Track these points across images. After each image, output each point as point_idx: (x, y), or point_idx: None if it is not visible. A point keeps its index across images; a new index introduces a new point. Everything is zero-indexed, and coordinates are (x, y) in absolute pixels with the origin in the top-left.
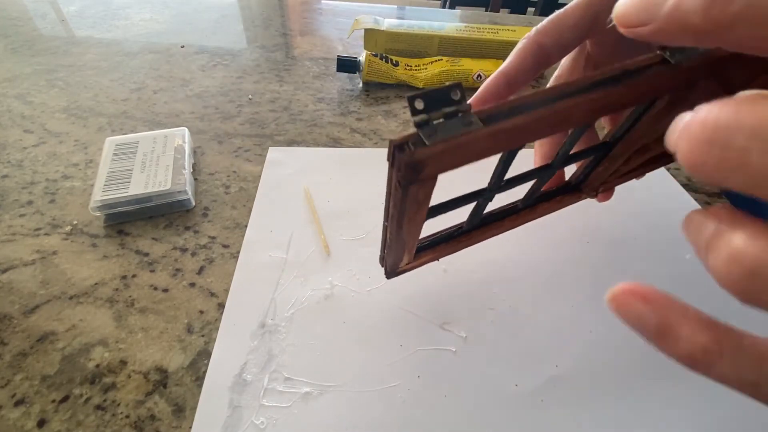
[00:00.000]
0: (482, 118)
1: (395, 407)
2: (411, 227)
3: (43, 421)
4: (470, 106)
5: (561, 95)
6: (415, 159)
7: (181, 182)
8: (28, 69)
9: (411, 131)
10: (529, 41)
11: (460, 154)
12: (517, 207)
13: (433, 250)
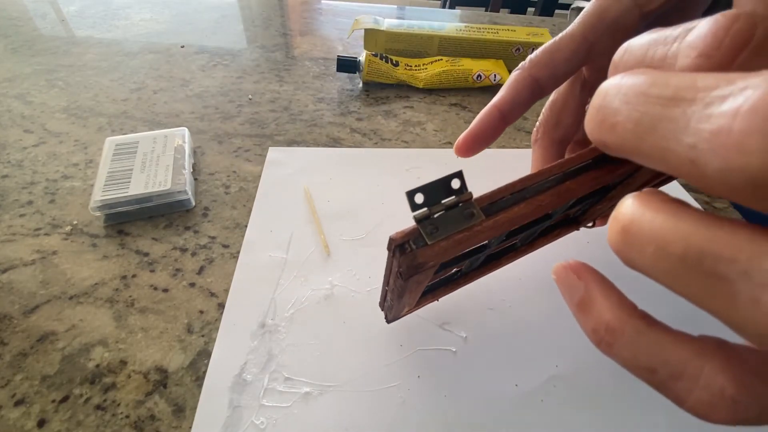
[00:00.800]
0: (483, 208)
1: (395, 407)
2: (411, 295)
3: (43, 421)
4: (471, 195)
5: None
6: (418, 261)
7: (181, 182)
8: (28, 69)
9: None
10: (522, 74)
11: (463, 246)
12: (516, 245)
13: (432, 294)
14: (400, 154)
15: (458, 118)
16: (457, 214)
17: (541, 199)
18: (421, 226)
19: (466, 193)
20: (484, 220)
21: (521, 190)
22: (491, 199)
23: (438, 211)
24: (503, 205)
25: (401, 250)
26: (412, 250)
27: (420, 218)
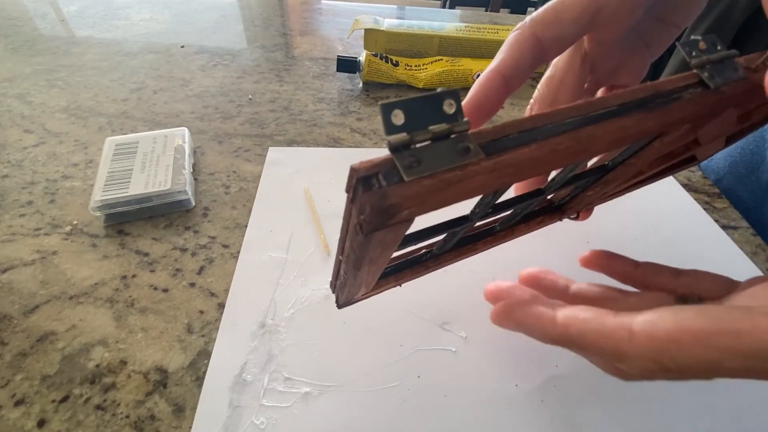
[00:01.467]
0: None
1: (395, 407)
2: (372, 268)
3: (43, 421)
4: (468, 125)
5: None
6: (387, 202)
7: (181, 182)
8: (28, 69)
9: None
10: (524, 33)
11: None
12: (495, 229)
13: (395, 276)
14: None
15: None
16: (447, 147)
17: (556, 141)
18: (398, 156)
19: (461, 121)
20: (483, 159)
21: (531, 129)
22: (494, 135)
23: (423, 140)
24: (507, 145)
25: (366, 185)
26: (381, 187)
27: (396, 145)
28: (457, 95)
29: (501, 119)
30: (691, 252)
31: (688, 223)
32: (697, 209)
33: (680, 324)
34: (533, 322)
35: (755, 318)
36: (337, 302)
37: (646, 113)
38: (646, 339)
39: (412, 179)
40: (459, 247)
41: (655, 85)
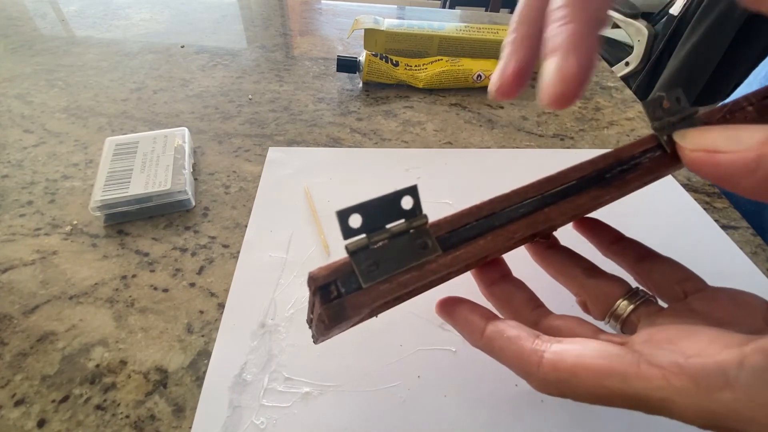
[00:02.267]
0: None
1: (395, 407)
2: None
3: (43, 421)
4: (427, 220)
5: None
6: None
7: (181, 182)
8: (28, 69)
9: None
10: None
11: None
12: None
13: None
14: (400, 154)
15: (458, 118)
16: (405, 243)
17: (512, 229)
18: (356, 260)
19: (420, 216)
20: (441, 255)
21: (489, 215)
22: (452, 225)
23: (380, 240)
24: (466, 235)
25: (324, 296)
26: (339, 296)
27: (354, 249)
28: (414, 191)
29: (501, 119)
30: (691, 252)
31: (688, 223)
32: (697, 209)
33: (581, 359)
34: (465, 326)
35: (641, 365)
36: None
37: (603, 188)
38: (551, 368)
39: (370, 285)
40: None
41: (617, 153)
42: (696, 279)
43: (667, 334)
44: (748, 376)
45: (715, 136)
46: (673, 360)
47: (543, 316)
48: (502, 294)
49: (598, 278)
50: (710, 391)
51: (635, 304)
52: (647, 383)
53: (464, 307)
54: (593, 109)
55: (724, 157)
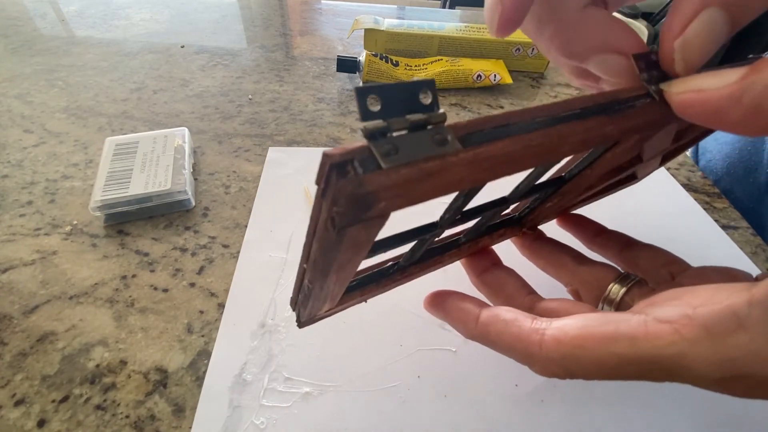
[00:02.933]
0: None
1: (395, 407)
2: (339, 276)
3: (43, 421)
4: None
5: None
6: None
7: (181, 182)
8: (28, 69)
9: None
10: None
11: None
12: (459, 241)
13: (361, 291)
14: None
15: (458, 118)
16: (424, 137)
17: (530, 137)
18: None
19: (437, 112)
20: (461, 151)
21: (505, 125)
22: (469, 128)
23: (400, 128)
24: (483, 138)
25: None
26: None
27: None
28: (433, 85)
29: None
30: (691, 252)
31: (688, 223)
32: (697, 209)
33: (585, 330)
34: (458, 315)
35: (649, 325)
36: (299, 320)
37: (607, 117)
38: (555, 344)
39: (390, 167)
40: (425, 259)
41: (614, 93)
42: (680, 261)
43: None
44: (759, 312)
45: (700, 78)
46: (682, 312)
47: (537, 301)
48: (494, 281)
49: (587, 265)
50: (725, 336)
51: (627, 286)
52: (658, 341)
53: (455, 297)
54: None
55: (710, 93)
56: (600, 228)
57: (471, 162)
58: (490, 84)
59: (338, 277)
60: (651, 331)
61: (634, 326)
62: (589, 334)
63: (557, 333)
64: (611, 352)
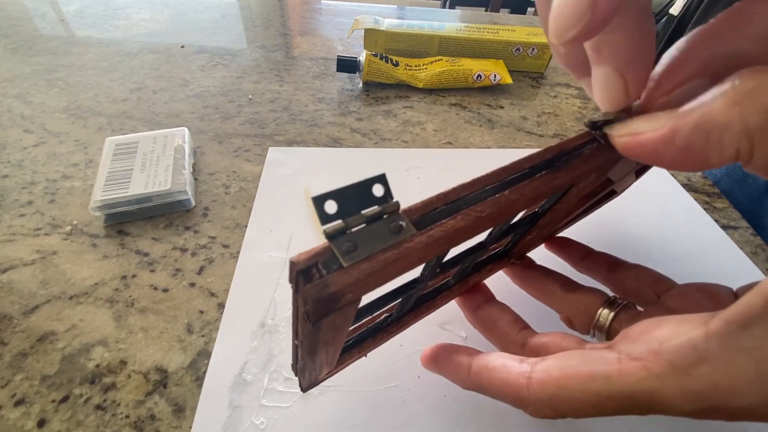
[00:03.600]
0: (414, 221)
1: (395, 407)
2: (329, 350)
3: (43, 421)
4: (398, 205)
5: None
6: (328, 291)
7: (181, 182)
8: (28, 69)
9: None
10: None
11: (390, 271)
12: (449, 284)
13: (358, 348)
14: (400, 154)
15: (458, 118)
16: (381, 228)
17: (479, 209)
18: (335, 243)
19: (391, 202)
20: (416, 235)
21: (456, 200)
22: (423, 210)
23: (357, 225)
24: (437, 218)
25: (306, 277)
26: (322, 277)
27: (333, 233)
28: (384, 179)
29: (501, 119)
30: (691, 252)
31: (688, 223)
32: (697, 209)
33: (565, 370)
34: (452, 370)
35: (622, 362)
36: (301, 386)
37: (554, 173)
38: (540, 386)
39: (351, 264)
40: (418, 306)
41: (560, 146)
42: (665, 280)
43: (641, 328)
44: (716, 345)
45: (637, 122)
46: (649, 348)
47: (529, 336)
48: (487, 318)
49: (576, 292)
50: (688, 370)
51: (615, 311)
52: (630, 378)
53: (447, 351)
54: (593, 109)
55: (645, 136)
56: (587, 250)
57: (426, 244)
58: (490, 84)
59: (327, 350)
60: (624, 369)
61: (609, 364)
62: (569, 374)
63: (542, 375)
64: (590, 391)
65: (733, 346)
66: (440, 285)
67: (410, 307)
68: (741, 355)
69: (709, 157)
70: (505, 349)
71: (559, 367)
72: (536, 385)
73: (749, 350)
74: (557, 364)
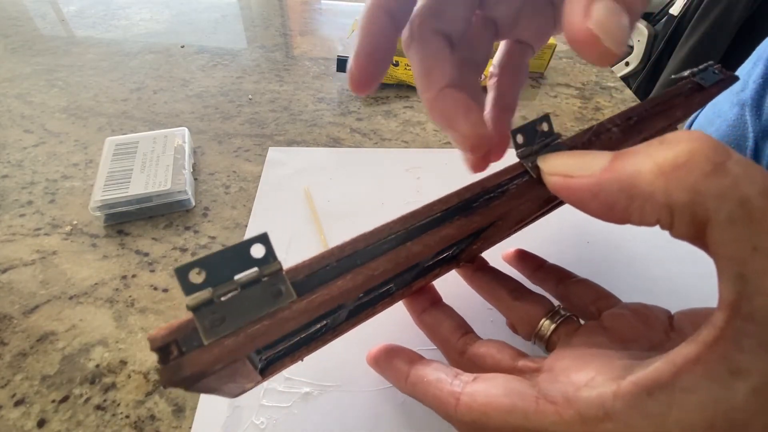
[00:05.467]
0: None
1: (395, 407)
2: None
3: (43, 421)
4: (280, 266)
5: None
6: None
7: (181, 182)
8: (28, 69)
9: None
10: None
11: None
12: (391, 291)
13: (291, 357)
14: (400, 154)
15: None
16: (257, 293)
17: (373, 266)
18: (198, 316)
19: (273, 262)
20: (295, 301)
21: (351, 254)
22: (309, 269)
23: (228, 292)
24: (325, 277)
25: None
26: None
27: (196, 306)
28: (265, 239)
29: None
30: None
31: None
32: None
33: (489, 399)
34: (391, 375)
35: (539, 402)
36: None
37: (468, 217)
38: (466, 409)
39: (213, 341)
40: (356, 314)
41: (481, 183)
42: (608, 297)
43: (565, 363)
44: (622, 406)
45: (570, 161)
46: (564, 393)
47: (469, 344)
48: (432, 321)
49: (522, 300)
50: (594, 423)
51: (556, 323)
52: (544, 419)
53: (390, 354)
54: (593, 109)
55: (574, 181)
56: (540, 262)
57: (305, 311)
58: None
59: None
60: (540, 409)
61: (528, 401)
62: (491, 404)
63: (468, 400)
64: (508, 423)
65: (636, 409)
66: (380, 292)
67: (345, 317)
68: (642, 419)
69: (630, 218)
70: (447, 353)
71: (485, 395)
72: (463, 407)
73: (650, 416)
74: (484, 392)
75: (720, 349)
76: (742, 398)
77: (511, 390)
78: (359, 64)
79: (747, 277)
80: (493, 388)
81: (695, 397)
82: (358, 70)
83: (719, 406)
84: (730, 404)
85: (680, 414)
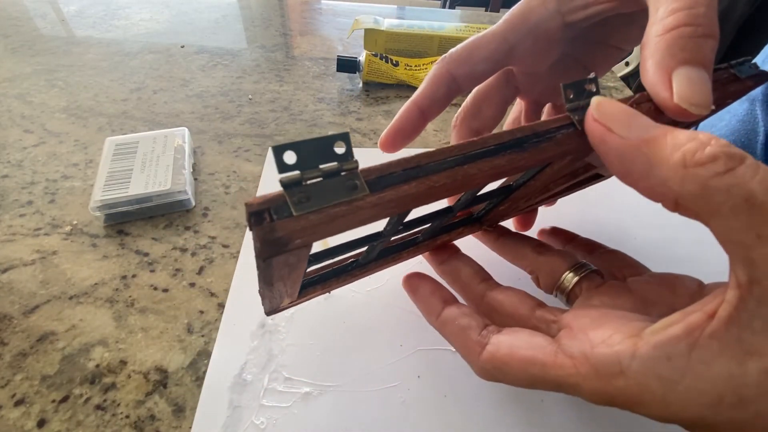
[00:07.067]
0: (370, 182)
1: (395, 407)
2: (286, 283)
3: (43, 421)
4: (357, 164)
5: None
6: (275, 235)
7: (181, 182)
8: (28, 69)
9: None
10: (440, 69)
11: (337, 224)
12: (417, 239)
13: (322, 285)
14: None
15: None
16: (336, 183)
17: (434, 179)
18: (288, 192)
19: (351, 160)
20: (368, 195)
21: (415, 167)
22: (380, 172)
23: (313, 178)
24: (392, 181)
25: (257, 220)
26: (271, 221)
27: (288, 183)
28: (347, 137)
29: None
30: (690, 251)
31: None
32: None
33: (511, 350)
34: (424, 306)
35: (558, 356)
36: (265, 311)
37: (519, 153)
38: (489, 358)
39: (300, 214)
40: (384, 256)
41: (533, 126)
42: (638, 266)
43: (584, 322)
44: (638, 365)
45: (619, 117)
46: (582, 350)
47: (490, 289)
48: (451, 269)
49: (546, 254)
50: (608, 378)
51: (579, 276)
52: (561, 371)
53: (427, 287)
54: None
55: (611, 137)
56: (572, 236)
57: (375, 204)
58: None
59: (285, 283)
60: (558, 363)
61: (547, 355)
62: (515, 354)
63: (492, 349)
64: (528, 372)
65: (652, 370)
66: (408, 239)
67: (375, 256)
68: (655, 380)
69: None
70: (467, 298)
71: (509, 346)
72: (486, 355)
73: (663, 379)
74: (507, 342)
75: (735, 330)
76: (754, 377)
77: (532, 343)
78: (388, 135)
79: (756, 261)
80: (516, 340)
81: (710, 370)
82: (386, 139)
83: (731, 382)
84: (742, 380)
85: (693, 382)
